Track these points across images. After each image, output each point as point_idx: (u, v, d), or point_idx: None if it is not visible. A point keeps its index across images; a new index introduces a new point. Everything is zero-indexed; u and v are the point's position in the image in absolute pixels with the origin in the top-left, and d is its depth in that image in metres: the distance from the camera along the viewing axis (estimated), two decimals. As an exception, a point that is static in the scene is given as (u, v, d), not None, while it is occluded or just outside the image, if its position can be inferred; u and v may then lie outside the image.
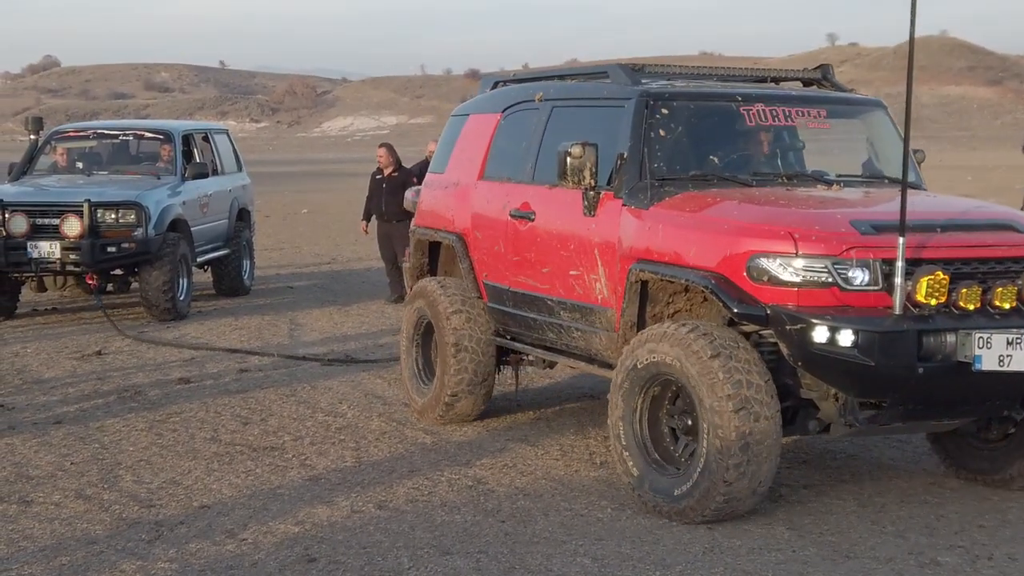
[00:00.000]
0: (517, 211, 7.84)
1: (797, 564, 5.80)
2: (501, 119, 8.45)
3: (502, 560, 5.83)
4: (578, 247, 7.24)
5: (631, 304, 6.83)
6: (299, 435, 8.26)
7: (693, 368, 6.13)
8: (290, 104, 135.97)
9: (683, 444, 6.50)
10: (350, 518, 6.48)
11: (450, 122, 9.33)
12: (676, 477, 6.39)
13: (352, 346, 11.67)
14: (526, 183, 7.88)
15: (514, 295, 7.97)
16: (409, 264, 9.40)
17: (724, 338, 6.19)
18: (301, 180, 48.20)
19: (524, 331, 8.04)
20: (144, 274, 13.03)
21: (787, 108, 7.38)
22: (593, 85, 7.84)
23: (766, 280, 6.08)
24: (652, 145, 7.02)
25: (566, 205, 7.34)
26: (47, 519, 6.46)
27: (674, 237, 6.55)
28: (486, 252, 8.25)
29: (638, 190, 6.90)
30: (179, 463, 7.57)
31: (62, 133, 15.20)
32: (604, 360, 7.27)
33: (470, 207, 8.43)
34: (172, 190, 13.72)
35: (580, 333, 7.38)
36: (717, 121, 7.36)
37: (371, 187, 14.85)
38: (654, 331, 6.47)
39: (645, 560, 5.84)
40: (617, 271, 6.91)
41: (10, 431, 8.30)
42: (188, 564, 5.78)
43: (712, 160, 7.21)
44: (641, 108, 7.08)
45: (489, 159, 8.43)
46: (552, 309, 7.58)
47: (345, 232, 24.06)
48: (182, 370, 10.46)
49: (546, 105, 7.97)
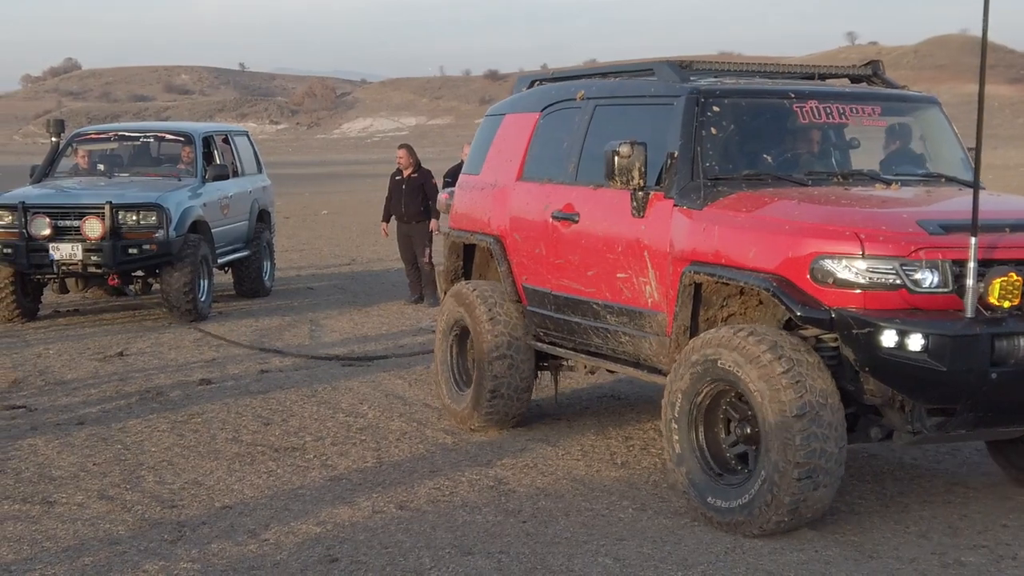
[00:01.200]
0: (560, 212, 7.62)
1: (819, 564, 5.77)
2: (540, 118, 8.23)
3: (523, 560, 5.83)
4: (626, 249, 7.03)
5: (684, 308, 6.63)
6: (320, 435, 8.28)
7: (754, 374, 5.93)
8: (310, 106, 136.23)
9: (742, 453, 6.31)
10: (371, 518, 6.48)
11: (484, 122, 9.12)
12: (734, 487, 6.20)
13: (372, 347, 11.68)
14: (568, 184, 7.66)
15: (556, 299, 7.76)
16: (442, 267, 9.22)
17: (787, 343, 5.99)
18: (321, 181, 48.30)
19: (566, 335, 7.82)
20: (165, 275, 13.07)
21: (841, 105, 7.17)
22: (638, 83, 7.60)
23: (831, 282, 5.88)
24: (704, 144, 6.80)
25: (612, 206, 7.15)
26: (70, 519, 6.49)
27: (731, 238, 6.35)
28: (526, 255, 8.04)
29: (690, 190, 6.69)
30: (201, 464, 7.59)
31: (83, 135, 15.25)
32: (653, 365, 7.08)
33: (508, 209, 8.21)
34: (193, 192, 13.77)
35: (628, 338, 7.16)
36: (769, 119, 7.13)
37: (391, 188, 14.86)
38: (712, 336, 6.26)
39: (667, 560, 5.83)
40: (669, 273, 6.71)
41: (33, 432, 8.34)
42: (210, 564, 5.80)
43: (765, 159, 6.99)
44: (692, 106, 6.88)
45: (528, 159, 8.22)
46: (598, 313, 7.36)
47: (365, 233, 24.09)
48: (203, 371, 10.49)
49: (588, 104, 7.75)
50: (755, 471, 6.05)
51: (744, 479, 6.18)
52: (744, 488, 6.10)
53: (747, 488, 6.06)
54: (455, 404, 8.55)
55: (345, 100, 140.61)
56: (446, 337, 8.75)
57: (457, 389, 8.63)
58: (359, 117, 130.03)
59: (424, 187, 14.54)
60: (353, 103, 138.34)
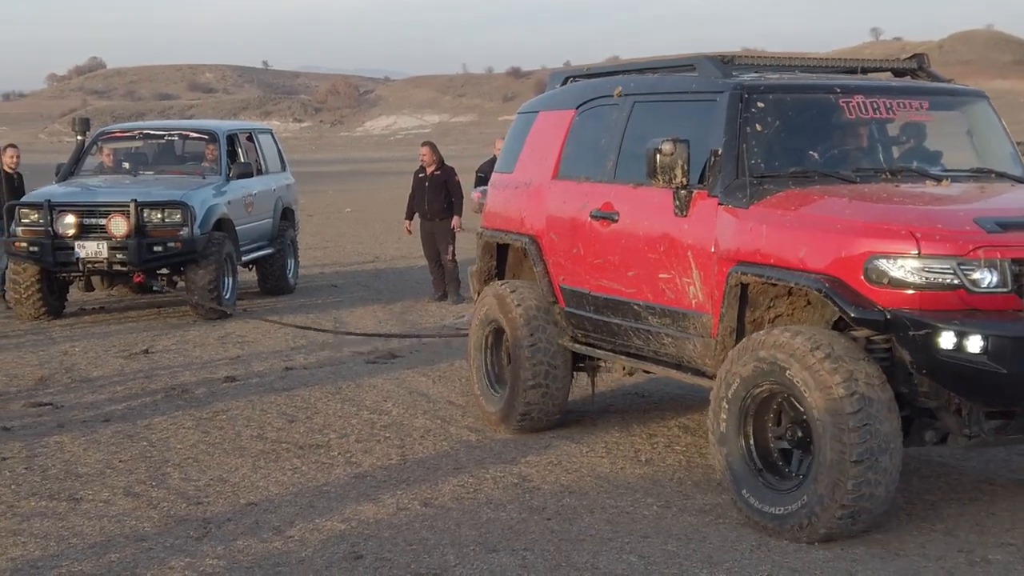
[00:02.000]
0: (598, 212, 7.45)
1: (845, 562, 5.75)
2: (575, 116, 8.05)
3: (548, 557, 5.82)
4: (668, 249, 6.86)
5: (730, 309, 6.47)
6: (345, 433, 8.29)
7: (807, 378, 5.79)
8: (333, 104, 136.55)
9: (793, 458, 6.17)
10: (396, 515, 6.49)
11: (517, 119, 8.94)
12: (786, 493, 6.07)
13: (396, 344, 11.69)
14: (607, 182, 7.48)
15: (595, 299, 7.59)
16: (475, 267, 9.07)
17: (841, 346, 5.84)
18: (344, 179, 48.40)
19: (606, 337, 7.64)
20: (190, 273, 13.12)
21: (888, 100, 6.97)
22: (679, 78, 7.43)
23: (885, 283, 5.73)
24: (749, 141, 6.62)
25: (654, 205, 6.98)
26: (96, 516, 6.52)
27: (779, 238, 6.18)
28: (563, 255, 7.87)
29: (735, 188, 6.52)
30: (226, 461, 7.61)
31: (108, 134, 15.33)
32: (697, 367, 6.92)
33: (544, 208, 8.05)
34: (217, 190, 13.82)
35: (671, 339, 6.98)
36: (816, 114, 6.94)
37: (414, 186, 14.87)
38: (762, 338, 6.11)
39: (692, 558, 5.82)
40: (714, 274, 6.54)
41: (59, 429, 8.38)
42: (236, 561, 5.82)
43: (812, 156, 6.80)
44: (736, 102, 6.70)
45: (564, 157, 8.04)
46: (639, 314, 7.19)
47: (388, 230, 24.12)
48: (228, 368, 10.52)
49: (626, 100, 7.56)
50: (807, 477, 5.93)
51: (795, 485, 6.05)
52: (795, 495, 5.98)
53: (798, 495, 5.95)
54: (490, 406, 8.43)
55: (368, 98, 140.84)
56: (480, 338, 8.61)
57: (492, 390, 8.52)
58: (382, 115, 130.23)
59: (447, 184, 14.54)
60: (376, 101, 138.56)
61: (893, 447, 5.78)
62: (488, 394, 8.52)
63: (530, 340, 8.00)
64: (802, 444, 6.07)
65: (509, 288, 8.31)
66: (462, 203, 14.66)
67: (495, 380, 8.56)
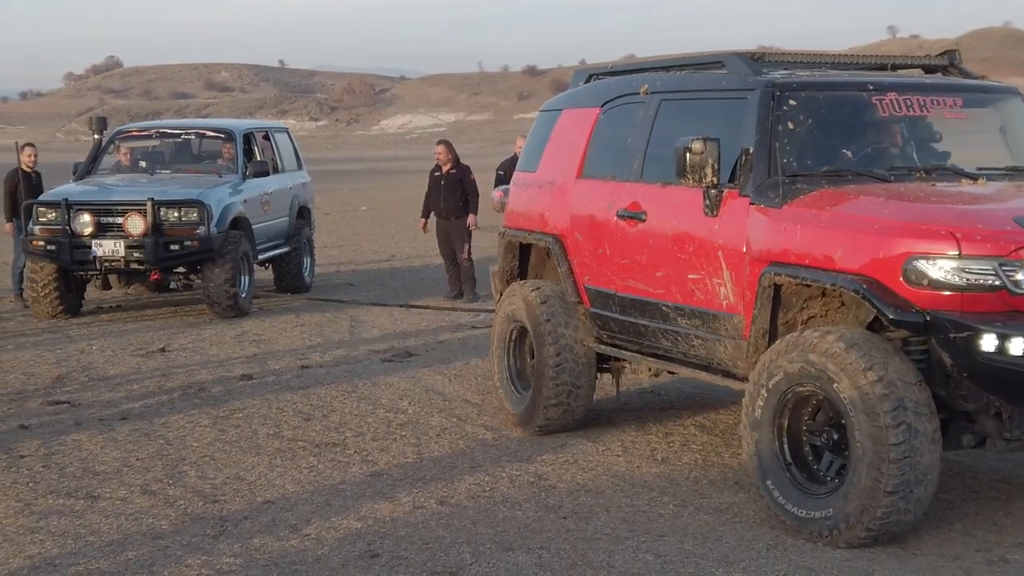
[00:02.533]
0: (625, 211, 7.33)
1: (863, 561, 5.73)
2: (600, 114, 7.93)
3: (564, 556, 5.82)
4: (698, 249, 6.74)
5: (763, 310, 6.36)
6: (360, 431, 8.30)
7: (844, 380, 5.70)
8: (349, 102, 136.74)
9: (824, 458, 6.09)
10: (412, 514, 6.49)
11: (539, 117, 8.81)
12: (812, 497, 6.01)
13: (412, 343, 11.70)
14: (634, 181, 7.36)
15: (621, 300, 7.47)
16: (497, 267, 8.97)
17: (878, 348, 5.75)
18: (360, 178, 48.46)
19: (632, 338, 7.53)
20: (206, 272, 13.13)
21: (921, 97, 6.83)
22: (707, 76, 7.31)
23: (925, 284, 5.62)
24: (781, 139, 6.51)
25: (682, 204, 6.86)
26: (113, 514, 6.54)
27: (814, 238, 6.07)
28: (588, 255, 7.76)
29: (767, 188, 6.40)
30: (242, 459, 7.63)
31: (125, 133, 15.35)
32: (728, 369, 6.81)
33: (569, 207, 7.93)
34: (234, 188, 13.84)
35: (701, 341, 6.87)
36: (848, 112, 6.82)
37: (430, 184, 14.88)
38: (797, 339, 6.01)
39: (708, 557, 5.81)
40: (745, 275, 6.43)
41: (77, 427, 8.41)
42: (252, 559, 5.83)
43: (845, 154, 6.67)
44: (767, 99, 6.58)
45: (588, 156, 7.92)
46: (667, 315, 7.07)
47: (404, 229, 24.14)
48: (245, 367, 10.54)
49: (653, 98, 7.43)
50: (837, 493, 5.87)
51: (824, 492, 5.98)
52: (821, 503, 5.92)
53: (824, 505, 5.89)
54: (513, 407, 8.34)
55: (384, 96, 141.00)
56: (503, 338, 8.52)
57: (515, 392, 8.42)
58: (398, 113, 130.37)
59: (463, 183, 14.55)
60: (392, 99, 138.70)
61: (930, 478, 5.71)
62: (510, 394, 8.44)
63: (554, 341, 7.91)
64: (836, 448, 5.99)
65: (532, 288, 8.21)
66: (478, 202, 14.67)
67: (517, 380, 8.48)
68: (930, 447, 5.67)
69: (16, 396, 9.44)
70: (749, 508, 6.55)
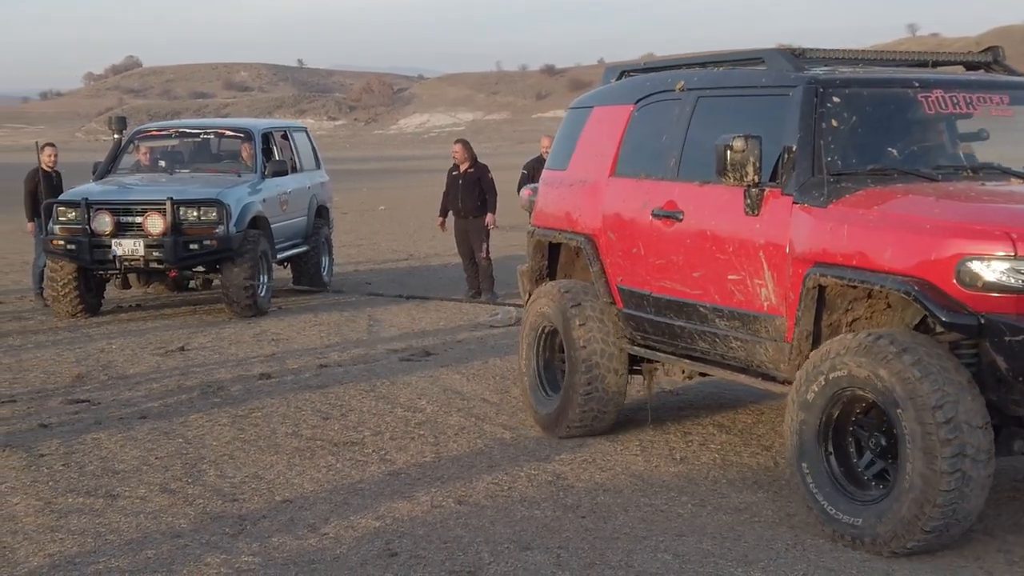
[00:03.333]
0: (661, 210, 7.17)
1: (882, 562, 5.71)
2: (634, 111, 7.77)
3: (582, 555, 5.81)
4: (738, 249, 6.58)
5: (807, 312, 6.20)
6: (379, 430, 8.31)
7: (910, 411, 5.49)
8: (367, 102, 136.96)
9: (875, 466, 5.92)
10: (430, 513, 6.50)
11: (569, 115, 8.68)
12: (868, 505, 5.82)
13: (430, 341, 11.70)
14: (670, 180, 7.21)
15: (656, 301, 7.31)
16: (525, 267, 8.81)
17: (930, 352, 5.59)
18: (378, 177, 48.53)
19: (666, 339, 7.38)
20: (225, 271, 13.17)
21: (967, 94, 6.65)
22: (746, 72, 7.14)
23: (979, 286, 5.45)
24: (825, 137, 6.34)
25: (721, 203, 6.71)
26: (133, 513, 6.56)
27: (862, 238, 5.89)
28: (621, 254, 7.60)
29: (811, 186, 6.23)
30: (261, 458, 7.64)
31: (145, 132, 15.41)
32: (768, 372, 6.65)
33: (601, 206, 7.78)
34: (252, 188, 13.87)
35: (740, 343, 6.71)
36: (894, 109, 6.63)
37: (447, 183, 14.89)
38: (844, 342, 5.86)
39: (727, 556, 5.79)
40: (788, 275, 6.27)
41: (96, 426, 8.44)
42: (271, 558, 5.84)
43: (890, 152, 6.49)
44: (811, 96, 6.42)
45: (621, 154, 7.75)
46: (705, 316, 6.91)
47: (422, 228, 24.16)
48: (263, 366, 10.56)
49: (689, 95, 7.29)
50: (883, 500, 5.74)
51: (863, 495, 5.86)
52: (854, 508, 5.83)
53: (858, 511, 5.80)
54: (542, 408, 8.21)
55: (402, 96, 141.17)
56: (532, 339, 8.39)
57: (544, 393, 8.29)
58: (416, 113, 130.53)
59: (480, 182, 14.55)
60: (410, 99, 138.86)
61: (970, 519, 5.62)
62: (539, 396, 8.32)
63: (586, 343, 7.77)
64: (881, 452, 5.86)
65: (563, 288, 8.06)
66: (496, 201, 14.67)
67: (546, 382, 8.34)
68: (978, 493, 5.53)
69: (36, 395, 9.48)
70: (768, 508, 6.54)
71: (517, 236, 21.65)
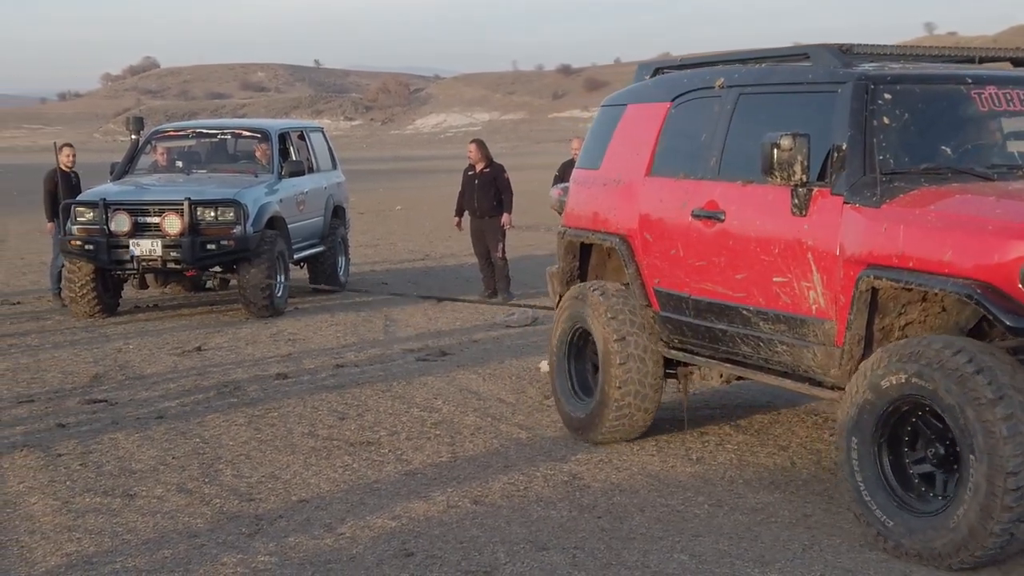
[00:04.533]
0: (701, 211, 6.98)
1: (900, 563, 5.68)
2: (671, 108, 7.58)
3: (598, 556, 5.81)
4: (784, 250, 6.39)
5: (859, 316, 6.00)
6: (395, 430, 8.31)
7: (979, 438, 5.27)
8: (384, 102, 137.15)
9: (935, 477, 5.70)
10: (446, 513, 6.50)
11: (602, 113, 8.48)
12: (928, 517, 5.61)
13: (447, 341, 11.71)
14: (710, 179, 7.02)
15: (696, 304, 7.12)
16: (555, 268, 8.65)
17: (992, 359, 5.39)
18: (395, 177, 48.57)
19: (706, 343, 7.18)
20: (243, 271, 13.19)
21: (1022, 91, 6.45)
22: (791, 69, 6.91)
23: None
24: (876, 135, 6.16)
25: (766, 203, 6.54)
26: (150, 512, 6.58)
27: (919, 239, 5.69)
28: (658, 256, 7.41)
29: (863, 186, 6.05)
30: (278, 458, 7.66)
31: (162, 133, 15.45)
32: (815, 377, 6.45)
33: (637, 206, 7.58)
34: (269, 188, 13.90)
35: (786, 347, 6.50)
36: (946, 106, 6.43)
37: (463, 183, 14.90)
38: (901, 348, 5.66)
39: (743, 557, 5.78)
40: (839, 277, 6.08)
41: (114, 426, 8.46)
42: (287, 557, 5.85)
43: (944, 151, 6.29)
44: (861, 93, 6.23)
45: (658, 153, 7.57)
46: (748, 320, 6.72)
47: (438, 228, 24.17)
48: (280, 366, 10.58)
49: (730, 92, 7.10)
50: (935, 518, 5.57)
51: (941, 507, 5.60)
52: (909, 520, 5.65)
53: (916, 524, 5.61)
54: (574, 412, 8.01)
55: (419, 96, 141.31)
56: (563, 342, 8.21)
57: (576, 397, 8.11)
58: (432, 113, 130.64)
59: (496, 182, 14.56)
60: (426, 99, 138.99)
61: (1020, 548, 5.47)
62: (571, 400, 8.13)
63: (621, 347, 7.59)
64: (939, 462, 5.65)
65: (597, 290, 7.86)
66: (512, 200, 14.68)
67: (579, 386, 8.17)
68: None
69: (54, 395, 9.51)
70: (785, 508, 6.52)
71: (533, 236, 21.68)
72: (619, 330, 7.62)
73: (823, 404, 8.51)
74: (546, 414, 8.70)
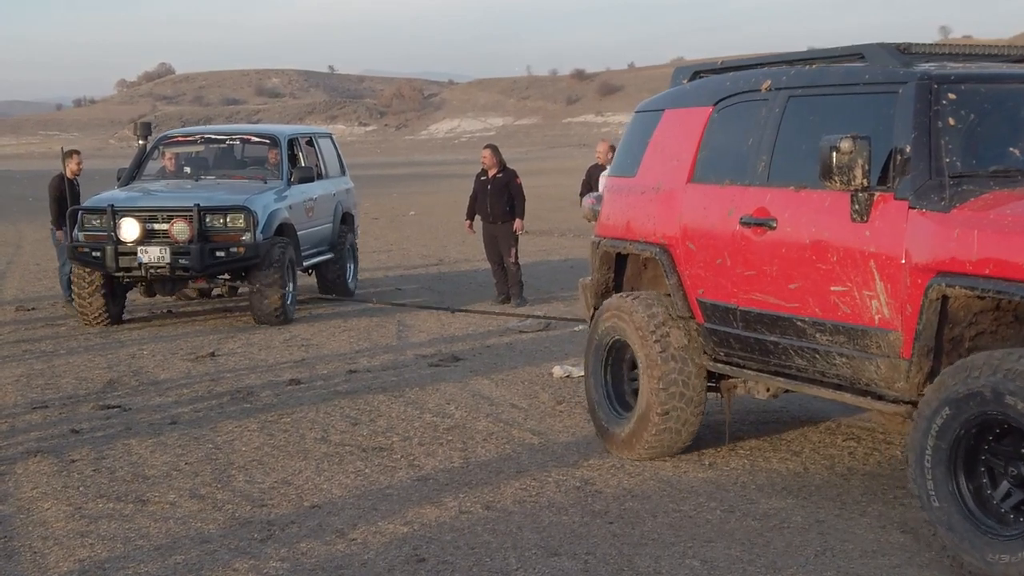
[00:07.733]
0: (750, 218, 6.71)
1: (912, 569, 5.66)
2: (713, 113, 7.33)
3: (610, 562, 5.80)
4: (844, 258, 6.12)
5: (928, 326, 5.70)
6: (407, 436, 8.31)
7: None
8: (398, 107, 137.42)
9: (1014, 497, 5.43)
10: (458, 518, 6.49)
11: (636, 119, 8.24)
12: (1006, 541, 5.31)
13: (459, 347, 11.71)
14: (759, 185, 6.75)
15: (745, 315, 6.83)
16: (589, 280, 8.39)
17: None
18: (408, 182, 48.64)
19: (756, 355, 6.90)
20: (252, 278, 13.14)
21: None
22: (846, 69, 6.61)
23: None
24: (942, 137, 5.90)
25: (823, 209, 6.26)
26: (162, 518, 6.59)
27: (995, 245, 5.38)
28: (702, 265, 7.14)
29: (929, 190, 5.78)
30: (290, 463, 7.66)
31: (170, 138, 15.38)
32: (877, 391, 6.17)
33: (678, 214, 7.32)
34: (279, 194, 13.85)
35: (845, 359, 6.22)
36: (1012, 107, 6.16)
37: (476, 188, 14.92)
38: (974, 361, 5.39)
39: (755, 563, 5.76)
40: (905, 286, 5.79)
41: (127, 432, 8.48)
42: (299, 563, 5.85)
43: (1012, 152, 6.02)
44: (924, 94, 5.97)
45: (700, 159, 7.32)
46: (803, 331, 6.43)
47: (452, 233, 24.19)
48: (293, 372, 10.59)
49: (778, 95, 6.84)
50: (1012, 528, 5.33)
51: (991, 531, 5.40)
52: (982, 542, 5.39)
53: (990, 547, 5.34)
54: (613, 427, 7.74)
55: (432, 101, 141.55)
56: (599, 354, 7.92)
57: (614, 412, 7.83)
58: (446, 118, 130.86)
59: (509, 187, 14.57)
60: (440, 104, 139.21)
61: None
62: (608, 414, 7.85)
63: (664, 360, 7.33)
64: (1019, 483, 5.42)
65: (637, 302, 7.58)
66: (524, 206, 14.68)
67: (616, 400, 7.90)
68: None
69: (68, 401, 9.54)
70: (797, 514, 6.50)
71: (546, 241, 21.70)
72: (661, 343, 7.38)
73: (837, 409, 8.49)
74: (558, 419, 8.69)
